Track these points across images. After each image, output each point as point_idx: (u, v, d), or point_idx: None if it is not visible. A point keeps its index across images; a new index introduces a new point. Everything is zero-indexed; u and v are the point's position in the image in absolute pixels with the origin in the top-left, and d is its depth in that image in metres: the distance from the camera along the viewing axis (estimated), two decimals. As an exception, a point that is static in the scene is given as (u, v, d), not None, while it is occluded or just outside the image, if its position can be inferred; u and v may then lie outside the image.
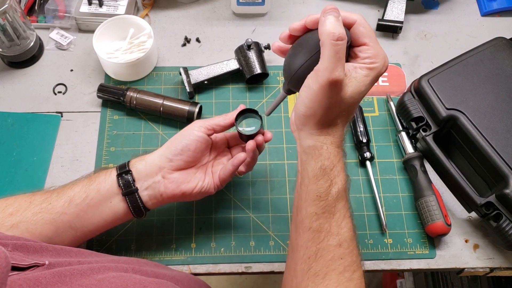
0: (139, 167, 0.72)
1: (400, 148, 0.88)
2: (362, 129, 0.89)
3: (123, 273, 0.54)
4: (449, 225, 0.79)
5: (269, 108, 0.69)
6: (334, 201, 0.59)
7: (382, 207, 0.84)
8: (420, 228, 0.83)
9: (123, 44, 0.96)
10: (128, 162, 0.73)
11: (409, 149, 0.87)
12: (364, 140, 0.88)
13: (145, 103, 0.90)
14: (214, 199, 0.85)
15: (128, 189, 0.71)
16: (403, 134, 0.88)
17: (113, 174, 0.71)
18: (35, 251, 0.51)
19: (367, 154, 0.87)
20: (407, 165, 0.86)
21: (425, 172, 0.84)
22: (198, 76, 0.93)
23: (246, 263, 0.80)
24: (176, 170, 0.72)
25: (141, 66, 0.95)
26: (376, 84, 0.95)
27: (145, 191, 0.72)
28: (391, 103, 0.92)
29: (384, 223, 0.82)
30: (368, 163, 0.87)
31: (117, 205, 0.71)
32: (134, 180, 0.71)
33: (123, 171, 0.71)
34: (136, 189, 0.71)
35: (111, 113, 0.93)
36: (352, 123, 0.90)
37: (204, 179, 0.74)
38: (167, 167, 0.72)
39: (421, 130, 0.84)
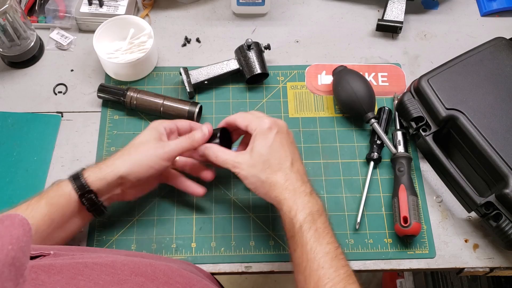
0: (99, 185, 0.71)
1: (392, 146, 0.88)
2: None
3: (132, 257, 0.54)
4: (406, 227, 0.78)
5: None
6: (299, 230, 0.65)
7: (363, 206, 0.84)
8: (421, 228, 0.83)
9: (123, 44, 0.96)
10: (84, 178, 0.71)
11: (400, 148, 0.87)
12: (379, 142, 0.88)
13: (145, 103, 0.90)
14: (214, 199, 0.85)
15: (94, 207, 0.72)
16: (398, 133, 0.88)
17: (73, 195, 0.70)
18: (35, 247, 0.51)
19: (375, 155, 0.87)
20: (393, 164, 0.87)
21: (405, 173, 0.83)
22: (198, 76, 0.93)
23: (246, 263, 0.80)
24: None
25: (141, 66, 0.95)
26: (376, 84, 0.96)
27: (105, 201, 0.74)
28: (396, 102, 0.92)
29: (358, 221, 0.83)
30: (371, 163, 0.87)
31: (80, 219, 0.74)
32: (96, 197, 0.72)
33: (85, 191, 0.70)
34: (101, 203, 0.73)
35: (111, 113, 0.93)
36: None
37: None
38: (127, 186, 0.74)
39: (420, 130, 0.84)
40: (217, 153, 0.73)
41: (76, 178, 0.70)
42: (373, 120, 0.88)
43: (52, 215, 0.68)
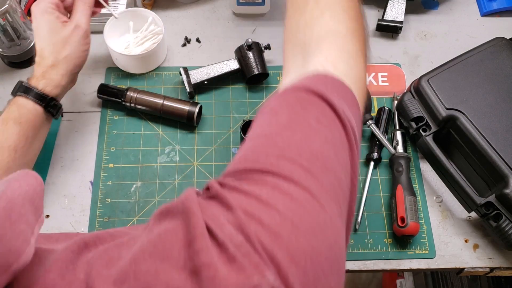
0: (57, 92, 0.77)
1: (391, 146, 0.88)
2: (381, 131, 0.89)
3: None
4: (403, 227, 0.78)
5: None
6: None
7: (363, 206, 0.84)
8: (421, 228, 0.83)
9: (134, 36, 0.97)
10: (40, 89, 0.75)
11: (399, 148, 0.87)
12: (378, 142, 0.88)
13: (145, 103, 0.90)
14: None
15: (57, 110, 0.78)
16: (397, 133, 0.88)
17: (38, 108, 0.75)
18: None
19: (375, 155, 0.87)
20: (391, 164, 0.87)
21: (403, 173, 0.83)
22: (198, 76, 0.93)
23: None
24: None
25: (154, 56, 0.96)
26: (375, 84, 0.96)
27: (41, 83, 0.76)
28: (395, 102, 0.92)
29: (358, 222, 0.83)
30: (371, 163, 0.87)
31: (47, 125, 0.79)
32: (57, 101, 0.78)
33: (48, 101, 0.76)
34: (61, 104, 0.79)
35: (111, 113, 0.93)
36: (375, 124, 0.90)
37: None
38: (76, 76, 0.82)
39: (420, 130, 0.84)
40: None
41: (30, 92, 0.74)
42: (370, 121, 0.88)
43: (26, 132, 0.73)
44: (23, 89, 0.75)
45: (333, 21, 0.55)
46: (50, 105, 0.76)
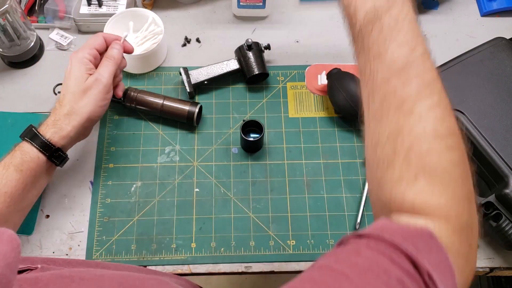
0: (64, 142, 0.75)
1: None
2: None
3: (121, 271, 0.54)
4: None
5: None
6: (358, 33, 0.51)
7: (363, 206, 0.84)
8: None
9: (134, 36, 0.97)
10: (47, 138, 0.74)
11: None
12: None
13: (146, 103, 0.90)
14: (214, 199, 0.85)
15: (61, 161, 0.76)
16: None
17: (41, 157, 0.73)
18: (23, 260, 0.51)
19: None
20: None
21: None
22: (198, 76, 0.93)
23: (246, 263, 0.80)
24: None
25: (154, 56, 0.96)
26: None
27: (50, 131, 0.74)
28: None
29: (358, 222, 0.83)
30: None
31: (48, 174, 0.77)
32: (63, 152, 0.76)
33: (53, 150, 0.74)
34: (66, 155, 0.77)
35: (111, 113, 0.93)
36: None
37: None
38: (87, 130, 0.80)
39: (421, 130, 0.84)
40: None
41: (36, 139, 0.73)
42: None
43: (25, 180, 0.71)
44: (30, 135, 0.73)
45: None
46: (54, 155, 0.74)
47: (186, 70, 0.93)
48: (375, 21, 0.48)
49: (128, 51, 0.84)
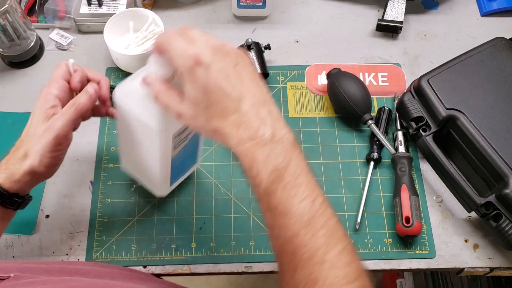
0: (18, 187, 0.65)
1: (391, 146, 0.88)
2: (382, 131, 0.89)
3: (98, 280, 0.53)
4: (408, 227, 0.78)
5: None
6: (264, 194, 0.52)
7: (363, 206, 0.84)
8: (420, 228, 0.83)
9: (134, 36, 0.96)
10: None
11: (402, 148, 0.87)
12: (378, 142, 0.88)
13: (145, 103, 0.90)
14: (214, 198, 0.85)
15: (19, 204, 0.66)
16: (399, 133, 0.88)
17: None
18: None
19: (375, 155, 0.87)
20: (394, 163, 0.87)
21: (406, 173, 0.83)
22: (198, 76, 0.93)
23: (246, 263, 0.80)
24: None
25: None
26: (376, 84, 0.96)
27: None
28: (396, 102, 0.92)
29: (358, 222, 0.83)
30: (371, 163, 0.87)
31: (5, 219, 0.67)
32: (19, 196, 0.66)
33: (6, 197, 0.65)
34: (26, 196, 0.67)
35: (111, 113, 0.93)
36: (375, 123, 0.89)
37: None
38: (45, 173, 0.67)
39: (420, 130, 0.84)
40: (160, 95, 0.56)
41: None
42: (370, 122, 0.88)
43: None
44: None
45: None
46: (7, 201, 0.65)
47: (186, 70, 0.92)
48: (278, 180, 0.50)
49: (102, 99, 0.71)
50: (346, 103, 0.88)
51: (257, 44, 0.94)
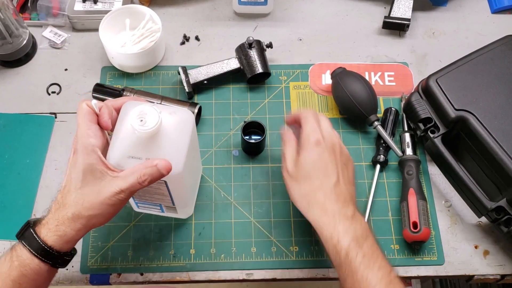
0: (68, 247, 0.64)
1: (398, 148, 0.86)
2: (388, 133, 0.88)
3: None
4: (416, 232, 0.77)
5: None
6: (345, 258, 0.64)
7: (369, 211, 0.83)
8: (429, 234, 0.81)
9: (131, 34, 0.95)
10: (49, 245, 0.62)
11: (409, 151, 0.86)
12: (385, 144, 0.87)
13: (142, 103, 0.88)
14: (214, 203, 0.84)
15: (67, 262, 0.65)
16: (406, 135, 0.87)
17: (42, 266, 0.62)
18: None
19: (381, 158, 0.86)
20: (401, 166, 0.86)
21: (414, 177, 0.82)
22: (197, 75, 0.92)
23: (247, 270, 0.79)
24: None
25: (152, 55, 0.94)
26: (382, 84, 0.95)
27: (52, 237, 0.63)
28: (403, 103, 0.91)
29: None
30: (378, 166, 0.86)
31: (50, 276, 0.66)
32: (68, 255, 0.65)
33: (56, 257, 0.63)
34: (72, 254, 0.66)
35: (107, 114, 0.91)
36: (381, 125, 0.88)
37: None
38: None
39: (429, 132, 0.83)
40: (287, 143, 0.74)
41: (36, 246, 0.62)
42: (376, 123, 0.87)
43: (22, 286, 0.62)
44: (28, 241, 0.62)
45: None
46: (59, 262, 0.64)
47: (184, 69, 0.92)
48: (358, 248, 0.63)
49: (104, 127, 0.65)
50: (351, 104, 0.87)
51: (258, 43, 0.93)
